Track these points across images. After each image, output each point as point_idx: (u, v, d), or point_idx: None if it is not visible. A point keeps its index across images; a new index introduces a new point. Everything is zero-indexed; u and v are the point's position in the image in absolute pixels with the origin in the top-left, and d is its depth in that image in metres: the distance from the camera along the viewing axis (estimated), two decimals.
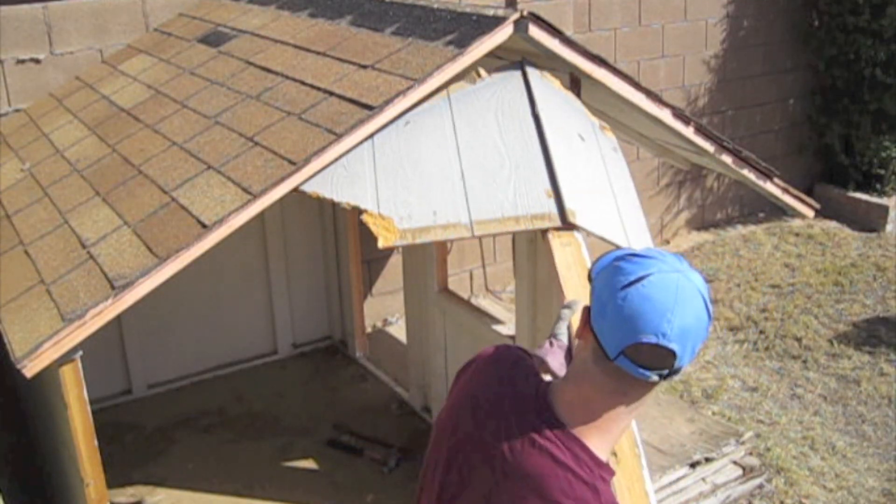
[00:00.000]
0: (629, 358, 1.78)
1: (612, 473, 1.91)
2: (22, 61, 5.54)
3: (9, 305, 3.36)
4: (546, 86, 3.87)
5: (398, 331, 6.70)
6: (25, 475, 5.07)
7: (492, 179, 3.46)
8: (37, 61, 5.57)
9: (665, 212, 8.50)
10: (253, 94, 4.18)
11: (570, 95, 3.97)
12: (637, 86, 4.01)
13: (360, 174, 3.43)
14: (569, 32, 6.61)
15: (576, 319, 2.17)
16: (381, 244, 3.27)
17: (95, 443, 3.32)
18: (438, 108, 3.68)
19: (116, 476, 4.93)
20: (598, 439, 1.89)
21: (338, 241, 6.32)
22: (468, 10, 3.94)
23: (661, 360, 1.77)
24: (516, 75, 3.82)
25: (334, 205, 3.40)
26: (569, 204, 3.40)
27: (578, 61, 3.84)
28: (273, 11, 5.18)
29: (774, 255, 8.19)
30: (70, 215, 3.85)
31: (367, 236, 6.47)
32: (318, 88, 3.92)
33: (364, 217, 3.32)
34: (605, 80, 3.93)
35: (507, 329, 4.85)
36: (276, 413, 5.81)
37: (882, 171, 8.92)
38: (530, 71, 3.86)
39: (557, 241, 3.34)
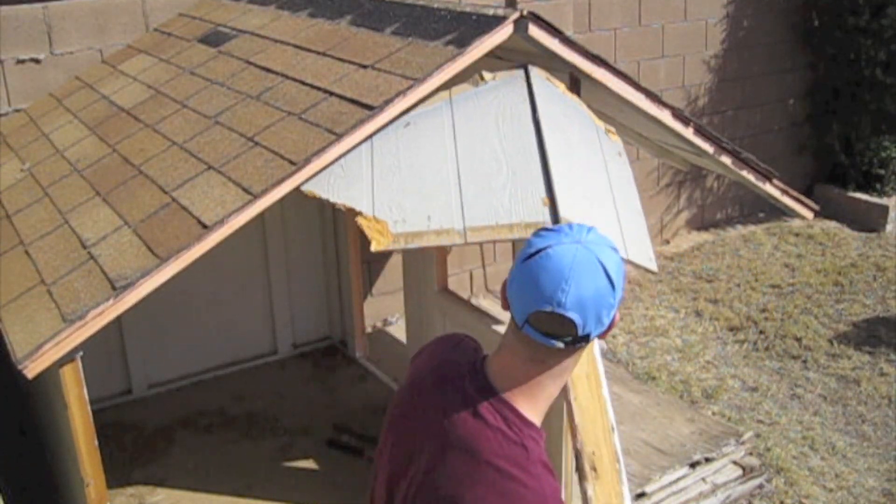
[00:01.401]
0: (533, 326, 1.88)
1: (542, 434, 1.99)
2: (22, 61, 5.54)
3: (9, 306, 3.36)
4: (550, 89, 3.87)
5: (398, 331, 6.70)
6: (25, 475, 5.07)
7: (488, 185, 3.47)
8: (37, 61, 5.57)
9: (665, 212, 8.50)
10: (253, 94, 4.18)
11: (574, 99, 3.96)
12: (637, 86, 4.01)
13: (357, 175, 3.43)
14: (569, 32, 6.61)
15: None
16: (373, 247, 3.30)
17: (95, 443, 3.32)
18: (439, 111, 3.68)
19: (116, 476, 4.93)
20: (526, 403, 1.98)
21: (338, 241, 6.32)
22: (468, 9, 3.94)
23: (563, 328, 1.86)
24: (519, 79, 3.81)
25: (332, 206, 3.40)
26: (563, 213, 3.41)
27: (578, 61, 3.84)
28: (273, 11, 5.18)
29: (774, 256, 8.19)
30: (70, 215, 3.85)
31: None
32: (318, 88, 3.92)
33: (359, 219, 3.33)
34: (605, 81, 3.93)
35: None
36: (276, 413, 5.81)
37: (882, 171, 8.92)
38: (534, 74, 3.85)
39: None
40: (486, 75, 3.80)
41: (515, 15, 3.64)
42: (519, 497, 1.92)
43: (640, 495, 4.91)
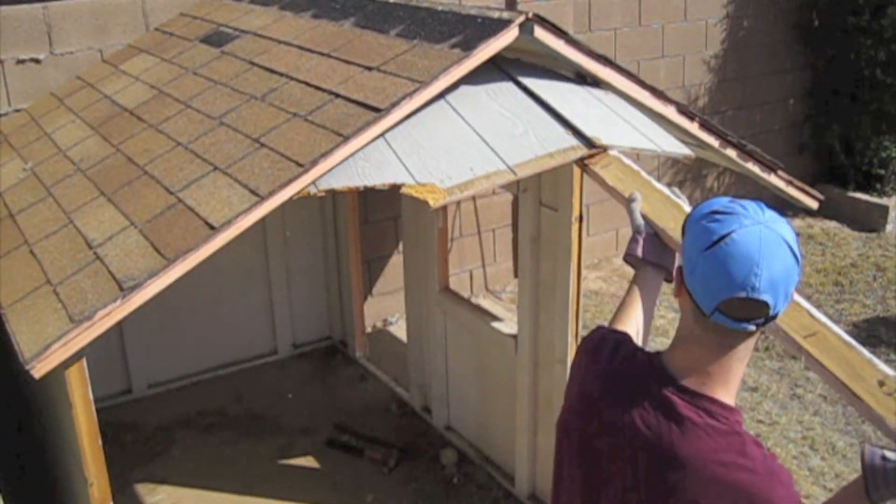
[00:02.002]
0: (724, 313, 1.88)
1: (741, 416, 2.00)
2: (22, 61, 5.53)
3: (15, 306, 3.35)
4: (518, 65, 4.01)
5: (398, 331, 6.71)
6: (28, 475, 5.06)
7: (511, 135, 3.61)
8: (37, 61, 5.56)
9: None
10: (258, 95, 4.17)
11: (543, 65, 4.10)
12: (642, 83, 4.02)
13: (383, 161, 3.48)
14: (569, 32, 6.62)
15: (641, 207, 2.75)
16: (432, 205, 3.33)
17: (99, 442, 3.31)
18: (438, 104, 3.74)
19: (116, 476, 4.91)
20: (723, 390, 1.99)
21: (338, 241, 6.32)
22: (473, 12, 3.94)
23: (756, 311, 1.87)
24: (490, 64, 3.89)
25: (367, 190, 3.45)
26: (590, 133, 3.61)
27: (584, 61, 3.85)
28: (275, 12, 5.17)
29: None
30: (75, 215, 3.84)
31: (367, 236, 6.53)
32: (324, 90, 3.91)
33: (404, 190, 3.37)
34: (611, 80, 3.95)
35: (509, 328, 4.85)
36: (276, 413, 5.81)
37: (882, 171, 8.93)
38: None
39: (598, 166, 3.48)
40: None
41: (521, 18, 3.64)
42: (748, 483, 1.92)
43: None
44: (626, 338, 2.23)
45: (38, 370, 2.94)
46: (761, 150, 4.35)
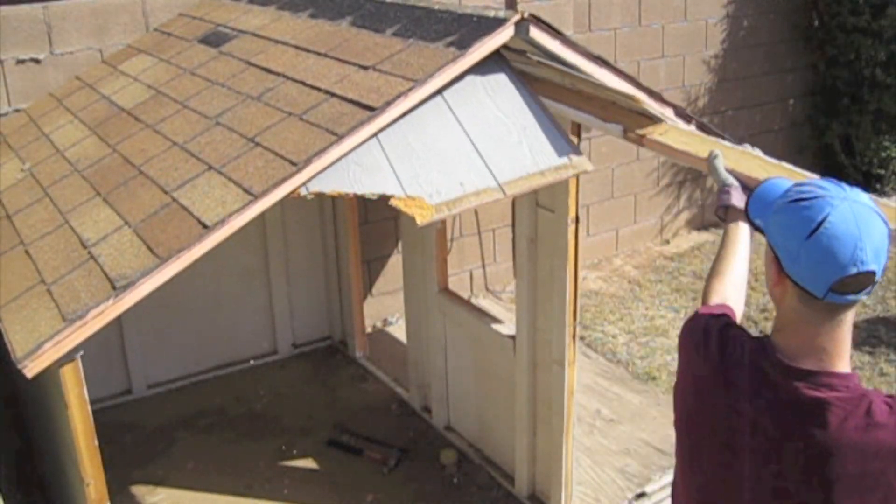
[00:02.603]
0: (836, 292, 1.96)
1: (857, 376, 2.08)
2: (22, 61, 5.54)
3: (9, 305, 3.36)
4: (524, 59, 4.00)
5: (398, 331, 6.71)
6: (25, 475, 5.07)
7: (504, 144, 3.58)
8: (37, 61, 5.57)
9: (665, 212, 8.50)
10: (254, 95, 4.18)
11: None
12: (638, 85, 4.01)
13: (375, 166, 3.47)
14: (569, 33, 6.62)
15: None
16: (419, 222, 3.33)
17: (95, 442, 3.31)
18: (435, 103, 3.71)
19: (116, 476, 4.93)
20: (841, 362, 2.06)
21: (338, 241, 6.33)
22: (469, 11, 3.94)
23: (865, 282, 1.96)
24: (492, 58, 3.85)
25: (360, 198, 3.43)
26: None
27: (579, 62, 3.84)
28: (273, 12, 5.17)
29: None
30: (70, 215, 3.84)
31: (368, 236, 6.53)
32: (319, 89, 3.92)
33: (393, 202, 3.36)
34: (607, 81, 3.93)
35: (508, 329, 4.85)
36: (276, 413, 5.82)
37: (882, 171, 8.92)
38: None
39: (656, 134, 3.50)
40: None
41: (516, 17, 3.64)
42: (886, 440, 2.00)
43: (641, 495, 4.92)
44: (728, 321, 2.27)
45: (31, 369, 2.95)
46: (761, 150, 4.34)
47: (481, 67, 3.74)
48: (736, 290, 2.44)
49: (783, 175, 2.79)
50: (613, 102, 3.76)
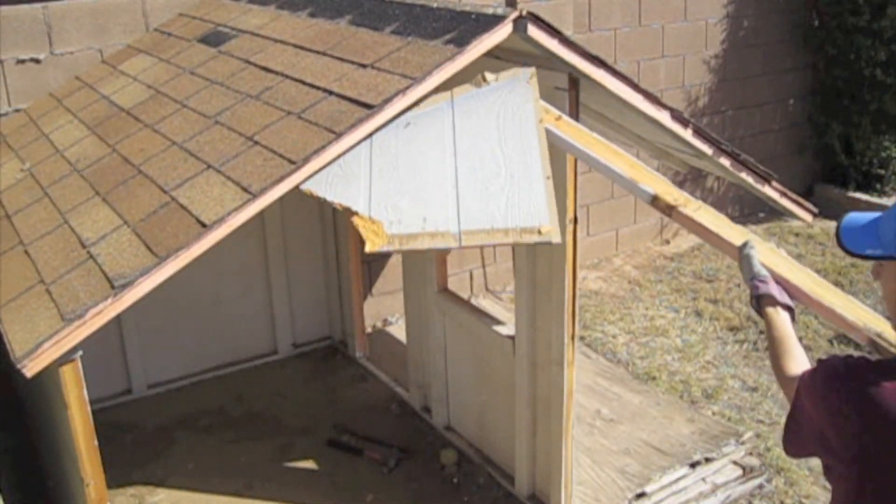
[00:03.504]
0: None
1: None
2: (22, 61, 5.55)
3: (9, 305, 3.36)
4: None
5: (398, 331, 6.70)
6: (25, 475, 5.07)
7: (485, 188, 3.40)
8: (37, 61, 5.58)
9: None
10: (252, 94, 4.18)
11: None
12: (636, 87, 4.00)
13: (355, 174, 3.42)
14: (569, 32, 6.62)
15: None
16: (367, 248, 3.24)
17: (95, 442, 3.31)
18: (441, 111, 3.64)
19: (116, 476, 4.93)
20: None
21: (338, 241, 6.32)
22: (467, 9, 3.94)
23: None
24: (523, 80, 3.73)
25: (328, 204, 3.39)
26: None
27: (577, 62, 3.84)
28: (273, 11, 5.18)
29: None
30: (70, 215, 3.85)
31: None
32: (318, 88, 3.92)
33: (354, 219, 3.31)
34: (604, 81, 3.92)
35: (507, 329, 4.85)
36: (276, 413, 5.81)
37: (882, 171, 8.92)
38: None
39: (689, 211, 3.38)
40: (489, 76, 3.75)
41: (514, 14, 3.64)
42: None
43: (641, 495, 4.91)
44: (851, 357, 2.30)
45: (30, 369, 2.95)
46: (761, 150, 4.36)
47: (512, 84, 3.64)
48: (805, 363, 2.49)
49: (807, 281, 2.90)
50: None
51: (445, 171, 3.45)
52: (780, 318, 2.66)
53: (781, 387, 2.55)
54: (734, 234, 3.19)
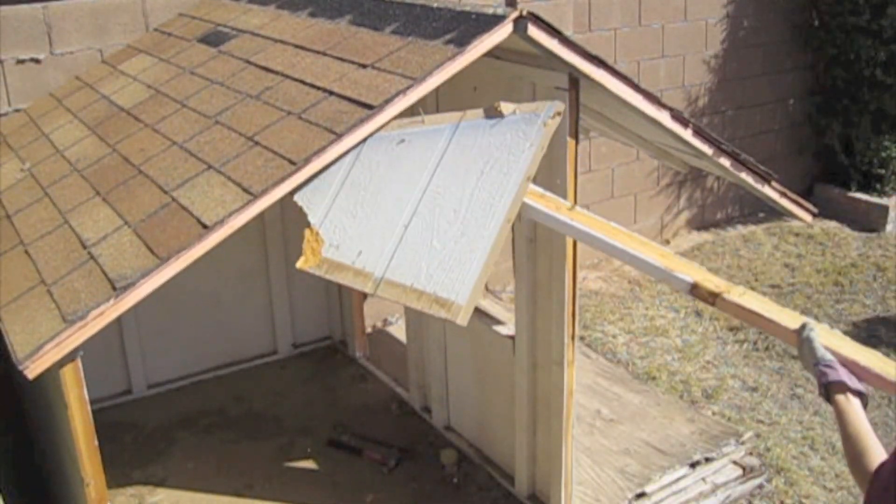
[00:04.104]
0: None
1: None
2: (22, 61, 5.54)
3: (9, 306, 3.36)
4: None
5: (398, 331, 6.70)
6: (25, 475, 5.07)
7: (430, 240, 3.24)
8: (37, 61, 5.57)
9: (665, 212, 8.50)
10: (253, 94, 4.18)
11: None
12: (636, 87, 4.00)
13: (329, 181, 3.42)
14: (568, 32, 6.62)
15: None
16: (298, 264, 3.22)
17: (95, 443, 3.31)
18: (439, 135, 3.50)
19: (116, 476, 4.94)
20: None
21: None
22: (468, 9, 3.93)
23: None
24: (542, 118, 3.38)
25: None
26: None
27: (577, 62, 3.84)
28: (273, 11, 5.18)
29: (774, 255, 8.19)
30: (70, 215, 3.85)
31: None
32: (318, 88, 3.92)
33: (306, 230, 3.31)
34: (604, 81, 3.92)
35: (507, 329, 4.85)
36: (276, 413, 5.81)
37: (882, 171, 8.92)
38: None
39: (734, 297, 3.08)
40: (506, 107, 3.44)
41: (514, 14, 3.63)
42: None
43: (640, 495, 4.91)
44: None
45: (32, 370, 2.95)
46: (761, 150, 4.36)
47: (526, 124, 3.36)
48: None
49: (875, 360, 2.68)
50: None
51: (405, 208, 3.34)
52: (853, 409, 2.48)
53: (858, 484, 2.38)
54: (786, 316, 2.94)
